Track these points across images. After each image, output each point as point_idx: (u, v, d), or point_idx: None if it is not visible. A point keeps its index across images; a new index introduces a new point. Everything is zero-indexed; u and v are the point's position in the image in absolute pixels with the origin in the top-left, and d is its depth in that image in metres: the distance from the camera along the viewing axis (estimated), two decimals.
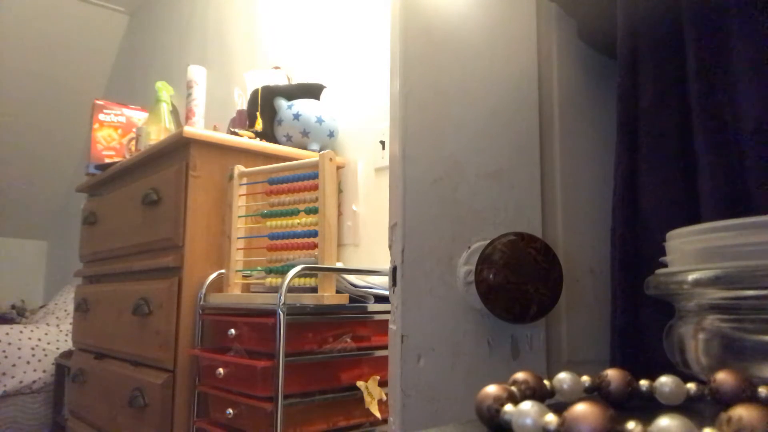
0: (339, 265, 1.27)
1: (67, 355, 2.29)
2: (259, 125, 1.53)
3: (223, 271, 1.26)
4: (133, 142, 1.68)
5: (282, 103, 1.52)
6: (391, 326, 0.55)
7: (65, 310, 2.86)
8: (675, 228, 0.43)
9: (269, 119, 1.54)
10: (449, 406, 0.55)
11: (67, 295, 2.98)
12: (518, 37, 0.65)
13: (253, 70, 1.76)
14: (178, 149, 1.33)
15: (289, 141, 1.50)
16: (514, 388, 0.31)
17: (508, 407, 0.27)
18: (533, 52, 0.66)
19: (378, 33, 1.51)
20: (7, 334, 2.40)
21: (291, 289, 1.04)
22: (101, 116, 1.88)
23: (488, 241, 0.55)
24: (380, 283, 1.16)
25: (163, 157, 1.40)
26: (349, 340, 1.09)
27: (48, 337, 2.52)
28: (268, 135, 1.53)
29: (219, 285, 1.26)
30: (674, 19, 0.56)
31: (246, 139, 1.41)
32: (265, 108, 1.54)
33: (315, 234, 1.14)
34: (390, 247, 0.57)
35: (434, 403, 0.54)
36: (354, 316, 1.12)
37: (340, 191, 1.52)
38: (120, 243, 1.52)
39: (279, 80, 1.68)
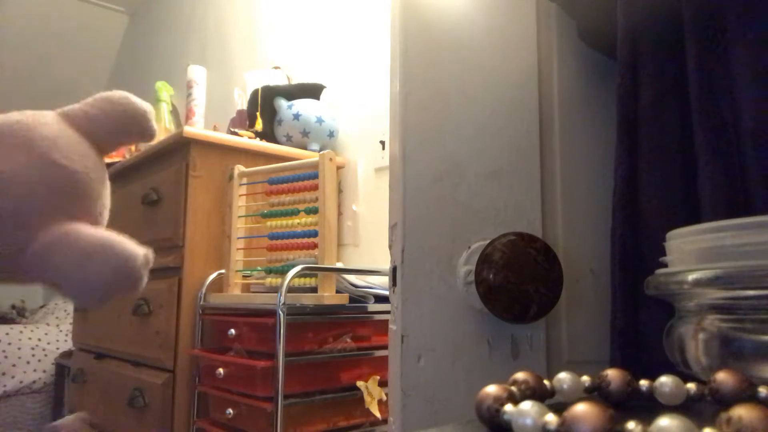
0: (339, 265, 1.27)
1: (67, 355, 2.29)
2: (259, 125, 1.53)
3: (223, 271, 1.26)
4: None
5: (282, 103, 1.52)
6: (391, 326, 0.55)
7: (65, 310, 2.86)
8: (675, 228, 0.43)
9: (269, 119, 1.54)
10: (449, 406, 0.55)
11: None
12: (518, 37, 0.65)
13: (253, 70, 1.76)
14: (178, 149, 1.33)
15: (289, 141, 1.50)
16: (514, 388, 0.31)
17: (508, 407, 0.27)
18: (533, 52, 0.66)
19: (378, 33, 1.51)
20: (7, 334, 2.40)
21: (291, 289, 1.04)
22: None
23: (488, 241, 0.55)
24: (380, 283, 1.16)
25: (163, 157, 1.39)
26: (349, 340, 1.09)
27: (48, 337, 2.52)
28: (268, 135, 1.53)
29: (219, 285, 1.26)
30: (674, 19, 0.56)
31: (246, 139, 1.41)
32: (265, 108, 1.54)
33: (315, 234, 1.14)
34: (390, 247, 0.57)
35: (434, 403, 0.54)
36: (354, 316, 1.12)
37: (340, 191, 1.52)
38: None
39: (279, 80, 1.68)
